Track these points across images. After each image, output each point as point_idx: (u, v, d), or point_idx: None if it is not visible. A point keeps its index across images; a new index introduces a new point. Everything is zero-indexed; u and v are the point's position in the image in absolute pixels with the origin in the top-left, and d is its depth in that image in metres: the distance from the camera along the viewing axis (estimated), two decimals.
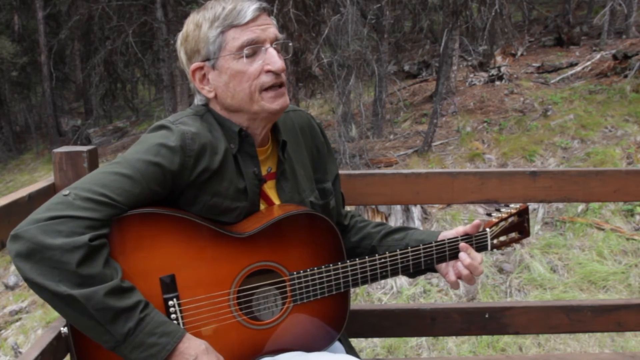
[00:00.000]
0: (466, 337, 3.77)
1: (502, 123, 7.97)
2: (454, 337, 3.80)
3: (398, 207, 5.53)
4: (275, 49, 1.28)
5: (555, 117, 7.83)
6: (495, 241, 1.49)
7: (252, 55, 1.25)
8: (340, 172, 1.74)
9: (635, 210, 5.46)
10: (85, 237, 1.07)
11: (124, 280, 1.12)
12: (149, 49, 10.83)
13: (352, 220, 1.59)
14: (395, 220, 5.54)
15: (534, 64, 10.16)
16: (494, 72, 9.65)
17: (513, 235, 1.53)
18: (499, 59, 10.31)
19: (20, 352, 4.70)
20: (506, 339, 3.73)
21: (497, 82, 9.48)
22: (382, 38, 8.42)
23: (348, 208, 1.66)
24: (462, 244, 1.41)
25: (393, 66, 11.17)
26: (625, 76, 8.46)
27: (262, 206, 1.36)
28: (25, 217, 1.11)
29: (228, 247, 1.25)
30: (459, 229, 1.44)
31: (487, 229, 1.47)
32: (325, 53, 7.72)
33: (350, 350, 1.49)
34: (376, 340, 3.84)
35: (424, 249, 1.40)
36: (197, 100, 1.36)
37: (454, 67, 9.44)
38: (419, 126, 8.71)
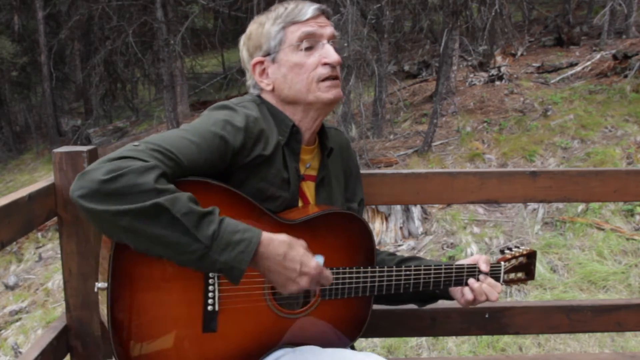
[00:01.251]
0: (466, 337, 3.77)
1: (502, 123, 7.97)
2: (454, 337, 3.80)
3: (398, 207, 5.54)
4: (332, 45, 1.36)
5: (555, 117, 7.83)
6: (506, 276, 1.55)
7: (310, 48, 1.34)
8: None
9: (635, 210, 5.46)
10: (157, 164, 1.09)
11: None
12: (149, 49, 10.82)
13: None
14: (396, 220, 5.55)
15: (534, 64, 10.16)
16: (494, 72, 9.65)
17: (520, 275, 1.59)
18: (499, 59, 10.31)
19: (20, 352, 4.70)
20: (506, 339, 3.73)
21: (497, 82, 9.48)
22: (382, 38, 8.42)
23: None
24: (483, 267, 1.47)
25: (393, 66, 11.17)
26: (625, 76, 8.46)
27: (300, 203, 1.41)
28: (26, 217, 1.11)
29: (273, 230, 1.25)
30: (476, 258, 1.50)
31: (503, 262, 1.54)
32: None
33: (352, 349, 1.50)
34: (376, 340, 3.84)
35: (445, 269, 1.45)
36: (252, 92, 1.43)
37: (454, 67, 9.44)
38: (419, 126, 8.71)
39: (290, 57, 1.34)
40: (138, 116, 14.38)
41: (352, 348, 1.51)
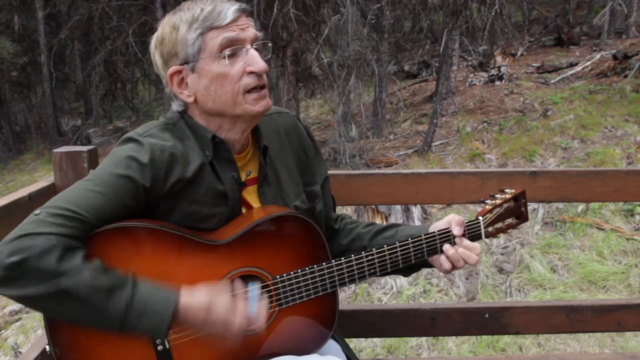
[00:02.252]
0: (466, 337, 3.77)
1: (502, 123, 7.97)
2: (454, 337, 3.80)
3: (398, 207, 5.53)
4: (256, 49, 1.25)
5: (555, 117, 7.83)
6: (490, 229, 1.43)
7: (233, 56, 1.22)
8: (340, 172, 1.74)
9: (635, 210, 5.46)
10: (58, 241, 1.07)
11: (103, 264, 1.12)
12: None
13: (342, 223, 1.56)
14: (396, 220, 5.54)
15: (534, 64, 10.16)
16: (494, 72, 9.65)
17: (510, 221, 1.47)
18: (499, 59, 10.31)
19: (20, 352, 4.70)
20: (506, 339, 3.73)
21: (497, 82, 9.48)
22: (382, 38, 8.42)
23: (349, 209, 1.66)
24: (455, 231, 1.36)
25: (393, 66, 11.17)
26: (625, 76, 8.46)
27: (244, 211, 1.34)
28: (25, 217, 1.11)
29: (206, 255, 1.22)
30: (449, 218, 1.38)
31: (480, 217, 1.41)
32: (325, 53, 7.73)
33: (346, 349, 1.47)
34: (376, 340, 3.84)
35: (412, 242, 1.34)
36: (175, 106, 1.32)
37: (454, 67, 9.44)
38: (419, 126, 8.71)
39: (212, 67, 1.21)
40: (138, 116, 14.38)
41: (341, 339, 1.48)
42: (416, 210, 5.68)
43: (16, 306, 5.81)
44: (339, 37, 7.15)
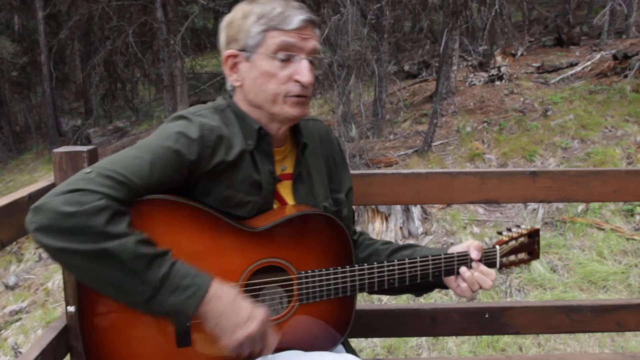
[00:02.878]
0: (466, 337, 3.77)
1: (502, 123, 7.97)
2: (454, 337, 3.80)
3: (398, 207, 5.53)
4: (309, 61, 1.30)
5: (555, 117, 7.83)
6: (504, 260, 1.49)
7: (286, 61, 1.28)
8: None
9: (635, 210, 5.46)
10: (108, 203, 1.09)
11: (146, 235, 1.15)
12: (149, 49, 10.82)
13: (360, 237, 1.60)
14: (396, 220, 5.54)
15: (534, 64, 10.16)
16: (494, 72, 9.65)
17: (522, 256, 1.53)
18: (499, 59, 10.31)
19: (20, 352, 4.70)
20: (506, 339, 3.73)
21: (497, 82, 9.48)
22: (382, 38, 8.42)
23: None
24: (473, 255, 1.42)
25: (393, 66, 11.17)
26: (625, 76, 8.46)
27: (275, 205, 1.38)
28: (25, 217, 1.11)
29: (239, 240, 1.26)
30: (469, 243, 1.45)
31: (497, 247, 1.48)
32: (325, 53, 7.72)
33: (349, 350, 1.48)
34: (376, 340, 3.84)
35: (432, 260, 1.41)
36: (228, 85, 1.39)
37: (454, 67, 9.44)
38: (419, 126, 8.71)
39: (263, 64, 1.29)
40: (138, 116, 14.38)
41: (344, 344, 1.49)
42: (416, 210, 5.68)
43: (16, 306, 5.81)
44: (339, 37, 7.15)
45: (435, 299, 4.46)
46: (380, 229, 5.48)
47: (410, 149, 7.81)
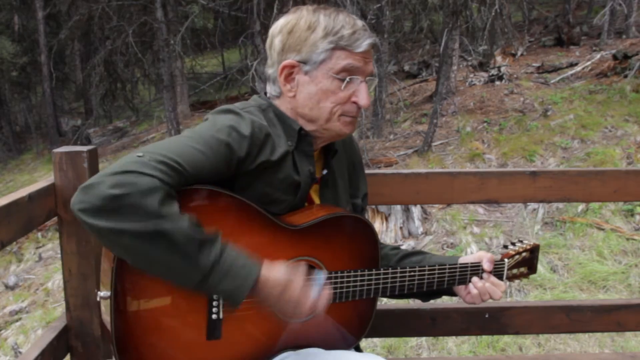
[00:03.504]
0: (466, 337, 3.77)
1: (502, 123, 7.97)
2: (454, 337, 3.80)
3: (398, 207, 5.54)
4: (367, 83, 1.32)
5: (555, 117, 7.83)
6: (509, 272, 1.54)
7: (348, 82, 1.28)
8: None
9: (635, 210, 5.46)
10: (162, 184, 1.07)
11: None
12: (149, 49, 10.83)
13: None
14: (396, 220, 5.55)
15: (534, 64, 10.16)
16: (494, 72, 9.65)
17: (523, 270, 1.58)
18: (499, 59, 10.31)
19: (20, 352, 4.70)
20: (506, 339, 3.73)
21: (497, 82, 9.48)
22: (382, 38, 8.42)
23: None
24: (486, 267, 1.47)
25: (393, 66, 11.17)
26: (625, 76, 8.46)
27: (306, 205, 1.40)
28: (26, 217, 1.10)
29: (279, 236, 1.27)
30: (480, 255, 1.49)
31: (506, 259, 1.52)
32: None
33: (358, 350, 1.50)
34: (376, 340, 3.84)
35: (449, 268, 1.44)
36: (270, 89, 1.37)
37: (454, 67, 9.44)
38: (419, 126, 8.71)
39: (325, 82, 1.28)
40: (138, 116, 14.38)
41: (357, 348, 1.51)
42: (416, 210, 5.68)
43: (16, 306, 5.81)
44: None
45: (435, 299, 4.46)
46: (380, 229, 5.48)
47: (410, 149, 7.81)
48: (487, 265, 1.46)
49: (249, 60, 8.04)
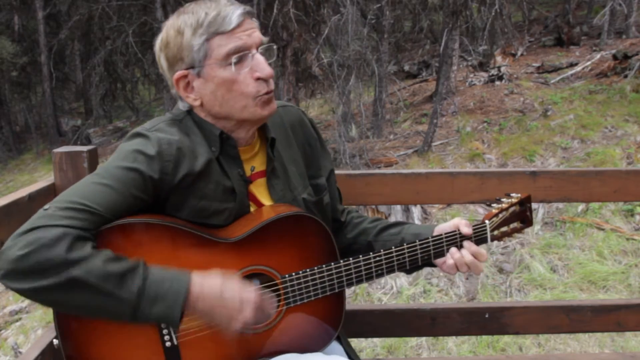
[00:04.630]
0: (466, 337, 3.77)
1: (502, 123, 7.97)
2: (454, 337, 3.80)
3: (398, 207, 5.53)
4: (261, 54, 1.25)
5: (555, 117, 7.83)
6: (495, 232, 1.44)
7: (239, 62, 1.22)
8: (340, 172, 1.74)
9: (635, 210, 5.46)
10: (66, 231, 1.06)
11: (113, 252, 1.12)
12: (149, 49, 10.79)
13: (348, 217, 1.57)
14: (395, 220, 5.54)
15: (534, 64, 10.16)
16: (494, 72, 9.65)
17: (515, 225, 1.48)
18: (499, 59, 10.31)
19: (20, 352, 4.70)
20: (506, 339, 3.73)
21: (497, 82, 9.48)
22: (382, 38, 8.42)
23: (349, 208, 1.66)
24: (465, 231, 1.37)
25: (393, 66, 11.17)
26: (625, 76, 8.45)
27: (252, 208, 1.34)
28: (25, 217, 1.11)
29: (216, 253, 1.23)
30: (456, 222, 1.39)
31: (487, 221, 1.42)
32: (325, 53, 7.72)
33: (349, 349, 1.48)
34: (376, 340, 3.84)
35: (420, 244, 1.36)
36: (181, 107, 1.32)
37: (454, 67, 9.44)
38: (419, 126, 8.70)
39: (219, 73, 1.21)
40: (138, 116, 14.38)
41: (344, 339, 1.49)
42: (416, 210, 5.67)
43: (16, 306, 5.81)
44: (339, 37, 7.15)
45: (435, 299, 4.46)
46: None
47: (410, 149, 7.81)
48: (465, 229, 1.37)
49: None
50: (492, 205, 1.47)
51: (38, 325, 5.22)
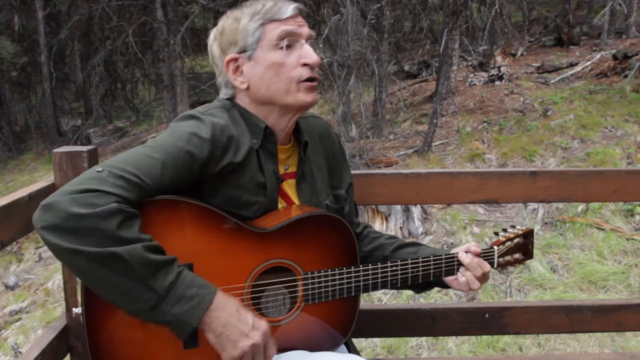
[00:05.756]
0: (466, 337, 3.77)
1: (502, 123, 7.97)
2: (454, 337, 3.80)
3: (398, 207, 5.53)
4: (310, 45, 1.33)
5: (555, 117, 7.83)
6: (501, 260, 1.51)
7: (290, 47, 1.30)
8: None
9: (635, 210, 5.46)
10: (121, 207, 1.07)
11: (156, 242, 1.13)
12: (149, 49, 10.81)
13: (365, 230, 1.61)
14: (396, 220, 5.55)
15: (534, 64, 10.16)
16: (494, 72, 9.65)
17: (517, 256, 1.55)
18: (499, 59, 10.31)
19: (20, 352, 4.70)
20: (506, 339, 3.73)
21: (497, 82, 9.48)
22: (382, 38, 8.42)
23: None
24: (473, 249, 1.45)
25: (393, 66, 11.17)
26: (625, 76, 8.46)
27: (280, 205, 1.38)
28: (25, 217, 1.11)
29: (247, 241, 1.26)
30: (469, 245, 1.48)
31: (495, 247, 1.50)
32: (325, 53, 7.72)
33: (353, 350, 1.49)
34: (376, 340, 3.84)
35: (434, 260, 1.43)
36: (223, 95, 1.38)
37: (454, 67, 9.44)
38: (419, 126, 8.70)
39: (269, 56, 1.30)
40: (138, 116, 14.38)
41: (347, 344, 1.50)
42: (416, 210, 5.68)
43: (16, 306, 5.81)
44: (339, 37, 7.15)
45: (435, 299, 4.46)
46: (381, 228, 5.48)
47: (410, 149, 7.81)
48: (474, 249, 1.45)
49: None
50: (499, 234, 1.55)
51: (38, 325, 5.22)
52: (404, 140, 8.31)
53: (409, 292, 4.54)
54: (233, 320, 1.14)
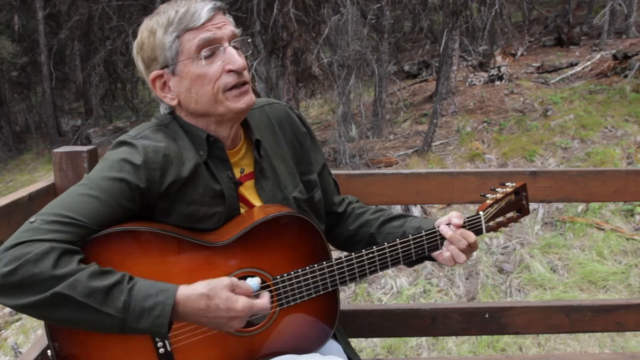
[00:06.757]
0: (466, 337, 3.77)
1: (502, 123, 7.97)
2: (454, 337, 3.80)
3: (398, 207, 5.53)
4: (234, 47, 1.24)
5: (555, 117, 7.83)
6: (491, 223, 1.42)
7: (211, 56, 1.21)
8: (340, 172, 1.74)
9: (635, 210, 5.46)
10: (53, 245, 1.06)
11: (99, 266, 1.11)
12: None
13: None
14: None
15: (534, 64, 10.16)
16: (494, 72, 9.65)
17: (511, 214, 1.46)
18: (499, 59, 10.31)
19: (20, 352, 4.70)
20: (506, 339, 3.73)
21: (497, 82, 9.48)
22: (382, 38, 8.42)
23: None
24: (455, 221, 1.35)
25: (393, 66, 11.17)
26: (625, 76, 8.46)
27: (243, 209, 1.33)
28: (25, 217, 1.11)
29: (206, 257, 1.22)
30: (450, 215, 1.37)
31: (481, 212, 1.40)
32: (325, 53, 7.72)
33: (347, 348, 1.47)
34: (376, 340, 3.84)
35: (413, 239, 1.34)
36: (162, 109, 1.33)
37: (454, 67, 9.44)
38: (419, 126, 8.71)
39: (191, 69, 1.21)
40: (138, 116, 14.37)
41: (342, 338, 1.48)
42: (416, 210, 5.68)
43: None
44: (339, 37, 7.15)
45: (435, 299, 4.46)
46: None
47: (410, 149, 7.81)
48: (455, 221, 1.34)
49: (249, 61, 8.04)
50: (487, 195, 1.45)
51: (38, 325, 5.22)
52: (404, 140, 8.32)
53: (409, 292, 4.54)
54: (205, 319, 1.13)
